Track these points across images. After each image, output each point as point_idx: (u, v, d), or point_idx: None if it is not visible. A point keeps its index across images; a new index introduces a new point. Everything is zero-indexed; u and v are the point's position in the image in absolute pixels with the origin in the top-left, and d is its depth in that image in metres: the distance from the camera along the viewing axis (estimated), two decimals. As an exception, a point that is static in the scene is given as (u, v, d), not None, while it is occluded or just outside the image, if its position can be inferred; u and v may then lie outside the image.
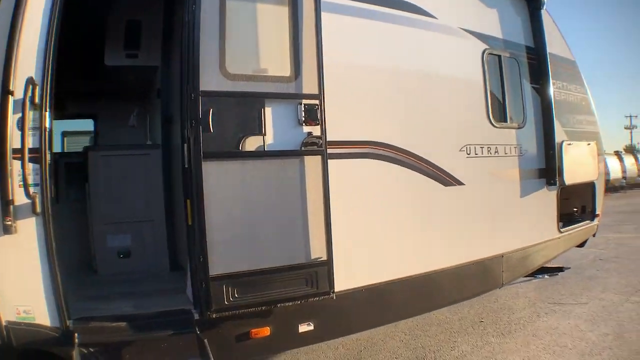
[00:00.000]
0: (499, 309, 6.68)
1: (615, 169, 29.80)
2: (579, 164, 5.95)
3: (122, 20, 5.12)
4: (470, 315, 6.47)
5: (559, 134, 5.78)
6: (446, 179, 4.52)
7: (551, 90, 5.55)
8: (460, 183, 4.63)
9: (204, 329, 3.20)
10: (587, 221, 6.49)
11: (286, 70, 3.44)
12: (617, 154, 31.85)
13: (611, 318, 5.96)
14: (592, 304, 6.61)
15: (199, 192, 3.09)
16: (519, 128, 5.36)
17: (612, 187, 29.20)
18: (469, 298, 5.31)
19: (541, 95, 5.59)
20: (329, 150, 3.55)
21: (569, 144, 5.81)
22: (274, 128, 3.38)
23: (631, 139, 61.39)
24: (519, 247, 5.22)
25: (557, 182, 5.47)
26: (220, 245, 3.13)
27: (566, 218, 6.59)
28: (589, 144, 6.26)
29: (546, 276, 8.01)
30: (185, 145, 3.28)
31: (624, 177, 30.38)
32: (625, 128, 60.37)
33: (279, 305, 3.32)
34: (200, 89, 3.13)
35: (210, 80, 3.16)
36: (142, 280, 4.43)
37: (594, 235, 6.80)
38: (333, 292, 3.46)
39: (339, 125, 3.79)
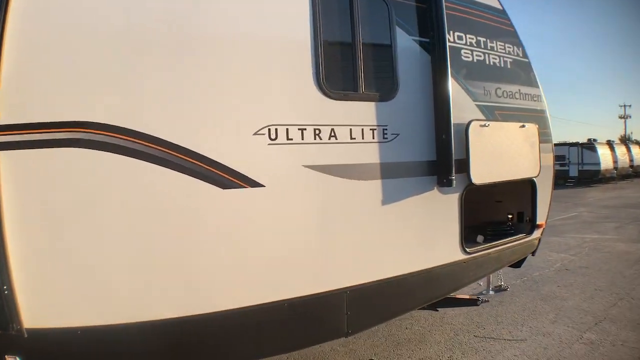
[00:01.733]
0: (403, 342, 4.96)
1: (606, 159, 28.09)
2: (500, 154, 4.16)
3: None
4: (362, 348, 4.82)
5: (467, 110, 3.99)
6: (225, 177, 2.84)
7: (446, 45, 3.73)
8: (254, 184, 2.95)
9: None
10: (521, 234, 4.70)
11: None
12: (609, 143, 30.05)
13: (549, 370, 4.26)
14: (531, 341, 4.85)
15: None
16: (382, 100, 3.56)
17: (603, 178, 27.54)
18: (278, 353, 3.54)
19: (432, 53, 3.78)
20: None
21: (483, 125, 4.01)
22: None
23: (625, 129, 59.80)
24: (379, 278, 3.49)
25: (453, 181, 3.67)
26: None
27: (496, 229, 4.83)
28: (523, 126, 4.46)
29: (491, 292, 6.43)
30: None
31: (615, 168, 28.60)
32: (620, 117, 58.68)
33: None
34: None
35: None
36: None
37: (532, 254, 5.02)
38: (18, 328, 2.51)
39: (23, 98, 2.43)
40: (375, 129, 3.51)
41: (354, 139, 3.43)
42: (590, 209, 16.25)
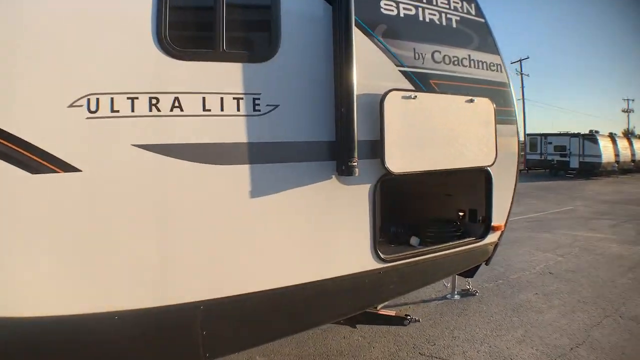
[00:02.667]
0: (334, 355, 4.06)
1: (608, 152, 26.91)
2: (433, 135, 3.17)
3: None
4: (286, 358, 4.01)
5: (385, 77, 3.03)
6: (34, 159, 2.27)
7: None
8: (68, 168, 2.32)
9: None
10: (471, 238, 3.71)
11: None
12: (611, 136, 28.81)
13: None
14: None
15: None
16: (254, 61, 2.65)
17: (604, 171, 26.38)
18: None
19: (333, 3, 2.81)
20: None
21: (408, 97, 3.02)
22: None
23: (628, 122, 58.41)
24: (248, 291, 2.68)
25: (354, 169, 2.69)
26: None
27: (438, 230, 3.84)
28: (470, 101, 3.46)
29: (456, 296, 5.67)
30: None
31: (617, 161, 27.39)
32: (623, 111, 57.11)
33: None
34: None
35: None
36: None
37: (486, 263, 4.02)
38: None
39: None
40: (242, 99, 2.58)
41: (209, 110, 2.52)
42: (587, 203, 15.15)
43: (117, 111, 2.36)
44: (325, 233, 2.85)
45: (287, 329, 2.94)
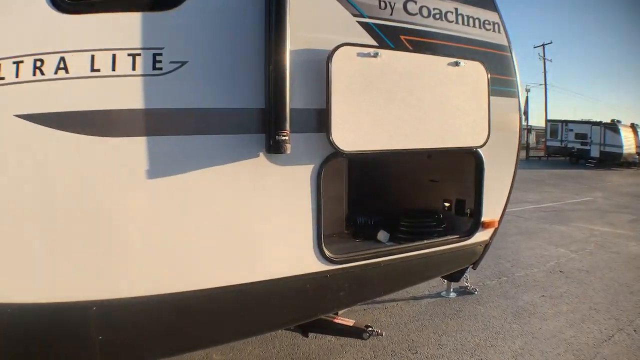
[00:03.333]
0: (299, 359, 3.48)
1: (629, 143, 25.65)
2: (401, 105, 2.47)
3: None
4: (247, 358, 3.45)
5: (336, 29, 2.34)
6: None
7: None
8: None
9: None
10: (455, 235, 3.02)
11: None
12: (633, 126, 27.42)
13: None
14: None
15: None
16: (155, 9, 2.07)
17: (624, 163, 25.17)
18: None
19: None
20: None
21: (366, 55, 2.33)
22: None
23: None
24: (157, 293, 2.14)
25: (285, 145, 2.06)
26: None
27: (413, 223, 3.16)
28: (456, 64, 2.74)
29: (452, 294, 5.03)
30: None
31: (638, 153, 26.10)
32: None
33: None
34: None
35: None
36: None
37: (473, 267, 3.33)
38: None
39: None
40: (139, 55, 1.98)
41: (98, 71, 1.93)
42: (606, 194, 14.21)
43: (3, 78, 1.88)
44: (251, 226, 2.22)
45: (204, 338, 2.33)
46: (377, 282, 2.63)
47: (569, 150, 28.49)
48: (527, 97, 35.40)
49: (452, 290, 5.06)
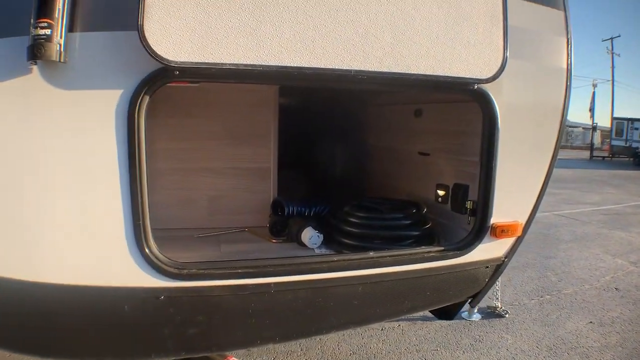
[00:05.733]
0: None
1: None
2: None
3: None
4: None
5: None
6: None
7: None
8: None
9: None
10: (439, 248, 1.77)
11: None
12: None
13: None
14: None
15: None
16: None
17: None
18: None
19: None
20: None
21: None
22: None
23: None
24: None
25: (46, 47, 1.14)
26: None
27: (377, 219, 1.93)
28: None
29: (475, 315, 3.90)
30: None
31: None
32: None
33: None
34: None
35: None
36: None
37: (471, 303, 2.13)
38: None
39: None
40: None
41: None
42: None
43: None
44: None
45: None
46: (270, 317, 1.45)
47: (634, 151, 26.33)
48: (593, 92, 33.52)
49: (476, 311, 3.84)
